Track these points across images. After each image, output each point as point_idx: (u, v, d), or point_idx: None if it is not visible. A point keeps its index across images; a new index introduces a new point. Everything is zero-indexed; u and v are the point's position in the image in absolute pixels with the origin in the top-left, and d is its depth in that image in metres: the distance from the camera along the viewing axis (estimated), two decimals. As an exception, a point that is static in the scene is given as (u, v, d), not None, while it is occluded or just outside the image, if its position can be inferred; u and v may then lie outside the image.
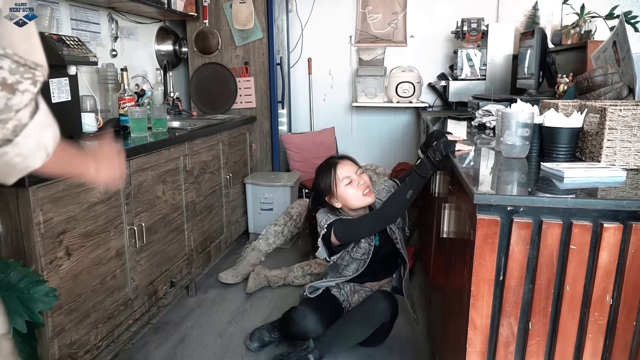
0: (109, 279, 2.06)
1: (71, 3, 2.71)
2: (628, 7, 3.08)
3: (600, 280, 1.16)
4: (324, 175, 2.23)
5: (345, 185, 2.19)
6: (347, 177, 2.19)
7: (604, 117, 1.47)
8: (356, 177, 2.20)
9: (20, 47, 0.87)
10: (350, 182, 2.18)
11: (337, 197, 2.21)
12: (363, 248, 2.24)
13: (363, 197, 2.19)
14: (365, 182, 2.20)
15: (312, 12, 4.45)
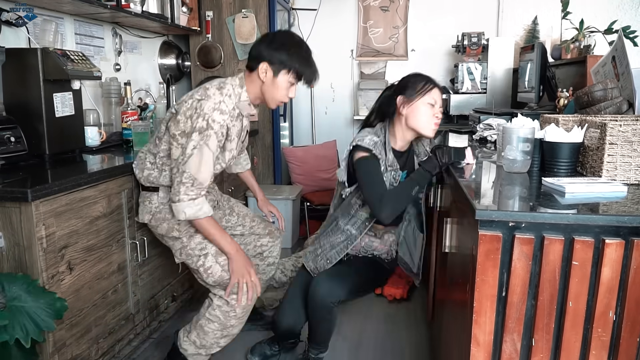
0: (111, 293, 2.05)
1: (76, 18, 2.74)
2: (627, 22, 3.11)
3: (603, 296, 1.15)
4: (417, 82, 2.06)
5: (427, 104, 2.04)
6: (434, 100, 2.05)
7: (604, 132, 1.48)
8: (438, 108, 2.06)
9: None
10: (432, 106, 2.05)
11: (409, 107, 2.04)
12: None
13: (430, 126, 2.05)
14: (439, 119, 2.08)
15: (314, 27, 4.49)
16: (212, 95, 1.87)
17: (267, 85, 1.92)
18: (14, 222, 1.64)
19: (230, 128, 1.91)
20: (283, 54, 1.87)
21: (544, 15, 4.04)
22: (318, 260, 2.15)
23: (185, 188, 1.84)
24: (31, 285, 1.53)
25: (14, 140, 2.00)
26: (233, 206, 2.38)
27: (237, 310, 1.98)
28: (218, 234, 1.93)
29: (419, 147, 2.23)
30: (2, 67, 2.09)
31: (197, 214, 1.86)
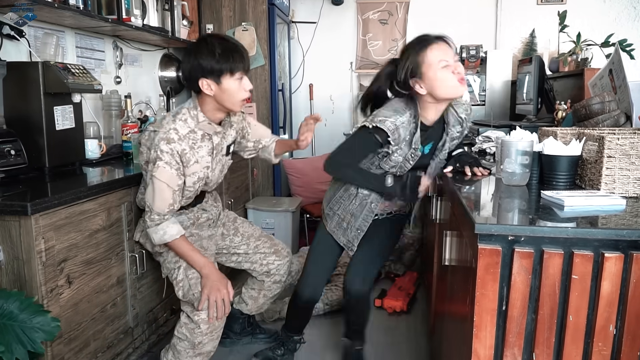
0: (110, 307, 2.05)
1: (77, 31, 2.75)
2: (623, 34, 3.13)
3: (603, 310, 1.15)
4: (413, 55, 1.85)
5: (441, 68, 1.81)
6: (444, 60, 1.81)
7: (602, 146, 1.49)
8: (453, 63, 1.82)
9: None
10: (447, 66, 1.82)
11: (425, 82, 1.85)
12: (394, 161, 1.98)
13: (457, 85, 1.83)
14: (461, 72, 1.84)
15: (314, 39, 4.52)
16: (165, 124, 1.91)
17: (220, 96, 1.90)
18: (13, 236, 1.64)
19: (187, 153, 1.90)
20: (209, 61, 1.85)
21: (541, 28, 4.07)
22: (349, 234, 2.15)
23: (148, 216, 1.93)
24: (25, 302, 1.51)
25: (14, 153, 2.00)
26: (238, 227, 2.37)
27: (202, 326, 1.96)
28: (189, 253, 1.96)
29: (448, 116, 2.02)
30: (3, 80, 2.10)
31: (163, 238, 1.91)
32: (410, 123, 1.92)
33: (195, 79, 1.88)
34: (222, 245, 2.30)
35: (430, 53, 1.82)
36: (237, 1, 3.83)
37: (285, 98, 4.24)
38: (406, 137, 1.93)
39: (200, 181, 2.02)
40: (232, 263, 2.37)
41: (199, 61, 1.86)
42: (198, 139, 1.94)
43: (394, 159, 1.96)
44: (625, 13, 4.05)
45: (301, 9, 4.51)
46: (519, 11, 4.18)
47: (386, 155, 1.97)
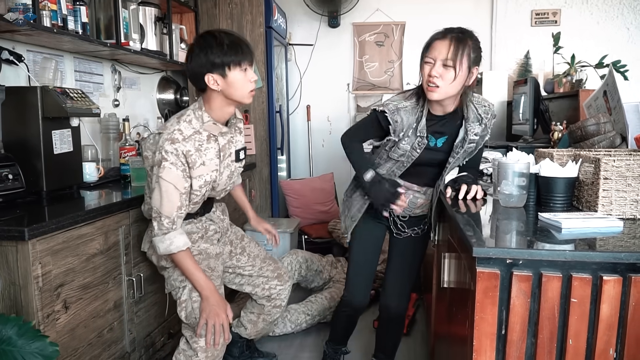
0: (106, 331, 2.03)
1: (75, 55, 2.78)
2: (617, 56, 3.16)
3: (603, 333, 1.15)
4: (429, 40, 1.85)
5: (424, 63, 1.83)
6: (430, 58, 1.81)
7: (598, 167, 1.50)
8: (436, 67, 1.78)
9: None
10: (427, 64, 1.82)
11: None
12: (402, 149, 1.96)
13: (426, 89, 1.83)
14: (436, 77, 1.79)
15: (311, 61, 4.56)
16: (169, 126, 1.87)
17: (227, 90, 1.87)
18: (10, 261, 1.63)
19: (192, 154, 1.86)
20: (217, 53, 1.82)
21: (536, 49, 4.12)
22: (347, 220, 2.23)
23: (157, 223, 1.85)
24: (23, 327, 1.50)
25: (11, 178, 2.00)
26: (245, 246, 2.33)
27: (200, 354, 1.93)
28: (191, 270, 1.90)
29: (468, 112, 1.94)
30: (2, 105, 2.11)
31: (169, 248, 1.85)
32: (416, 109, 1.93)
33: (201, 75, 1.84)
34: (229, 264, 2.27)
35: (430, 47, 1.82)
36: (235, 24, 3.87)
37: (282, 119, 4.26)
38: (412, 123, 1.92)
39: (207, 185, 1.96)
40: (234, 285, 2.34)
41: (208, 56, 1.81)
42: (204, 141, 1.89)
43: (402, 146, 1.95)
44: (619, 34, 4.11)
45: (298, 32, 4.56)
46: (514, 33, 4.24)
47: (394, 144, 1.97)
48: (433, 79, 1.78)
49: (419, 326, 3.04)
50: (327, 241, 3.99)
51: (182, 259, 1.88)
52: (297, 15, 4.51)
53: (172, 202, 1.84)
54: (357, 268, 2.23)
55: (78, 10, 2.39)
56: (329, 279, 3.33)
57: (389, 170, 2.05)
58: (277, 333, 2.92)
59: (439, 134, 1.97)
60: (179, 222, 1.88)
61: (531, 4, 4.23)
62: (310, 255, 3.27)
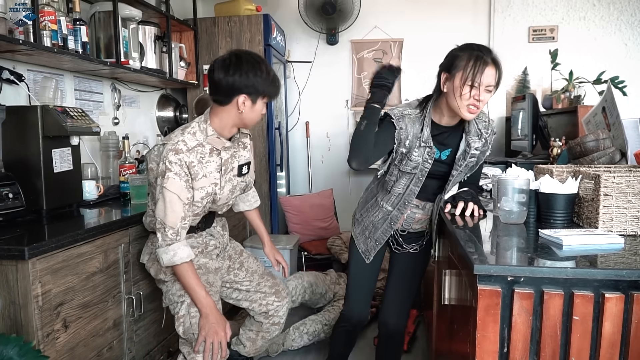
0: (106, 350, 2.02)
1: (75, 74, 2.79)
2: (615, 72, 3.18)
3: (606, 351, 1.14)
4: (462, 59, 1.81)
5: (465, 85, 1.79)
6: (478, 84, 1.78)
7: (598, 184, 1.50)
8: (481, 91, 1.79)
9: None
10: (474, 87, 1.79)
11: (449, 85, 1.85)
12: (414, 161, 1.95)
13: (465, 108, 1.82)
14: (482, 101, 1.80)
15: (309, 78, 4.58)
16: (174, 137, 1.90)
17: (247, 114, 1.93)
18: (10, 280, 1.63)
19: (195, 166, 1.88)
20: (255, 80, 1.88)
21: (533, 66, 4.14)
22: (368, 243, 2.17)
23: (161, 234, 1.86)
24: (24, 348, 1.50)
25: (11, 197, 2.00)
26: (243, 261, 2.34)
27: None
28: (193, 285, 1.90)
29: (469, 126, 1.98)
30: (2, 124, 2.11)
31: (172, 259, 1.86)
32: (419, 119, 1.95)
33: (236, 92, 1.88)
34: (227, 278, 2.27)
35: (476, 70, 1.77)
36: (234, 42, 3.89)
37: (282, 136, 4.27)
38: (417, 133, 1.93)
39: (209, 197, 1.97)
40: (232, 300, 2.33)
41: (254, 79, 1.87)
42: (206, 153, 1.93)
43: (415, 158, 1.94)
44: (617, 50, 4.13)
45: (297, 49, 4.59)
46: (511, 49, 4.26)
47: (403, 156, 1.96)
48: (479, 102, 1.80)
49: (420, 343, 3.02)
50: (326, 257, 3.98)
51: (184, 272, 1.89)
52: (295, 33, 4.55)
53: (176, 213, 1.86)
54: (356, 283, 2.22)
55: (78, 29, 2.41)
56: (333, 296, 3.32)
57: (406, 188, 2.02)
58: (295, 347, 2.92)
59: (443, 146, 1.98)
60: (183, 233, 1.89)
61: (528, 21, 4.27)
62: (315, 279, 3.24)
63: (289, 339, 2.91)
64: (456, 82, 1.81)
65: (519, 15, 4.27)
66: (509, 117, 3.68)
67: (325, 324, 2.98)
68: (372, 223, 2.15)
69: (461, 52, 1.83)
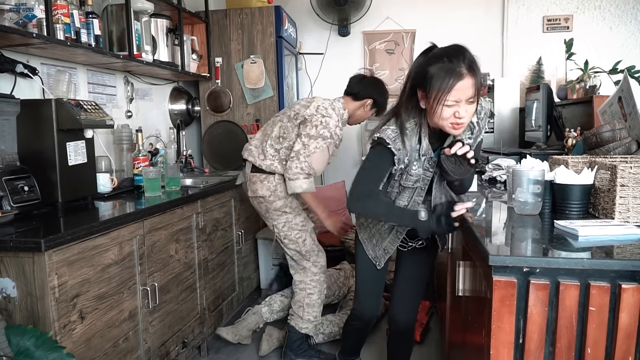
0: (122, 341, 2.04)
1: (89, 68, 2.81)
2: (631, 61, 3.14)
3: (622, 342, 1.14)
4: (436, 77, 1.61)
5: (441, 106, 1.62)
6: (455, 102, 1.61)
7: (614, 175, 1.48)
8: (462, 106, 1.61)
9: None
10: (453, 106, 1.62)
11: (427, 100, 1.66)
12: (415, 175, 1.83)
13: (447, 127, 1.67)
14: (465, 116, 1.63)
15: (321, 70, 4.57)
16: (332, 115, 2.59)
17: (360, 112, 2.74)
18: (27, 272, 1.64)
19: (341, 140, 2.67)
20: (382, 97, 2.74)
21: (548, 55, 4.10)
22: (377, 250, 2.10)
23: (304, 171, 2.53)
24: (40, 338, 1.51)
25: (27, 190, 2.02)
26: None
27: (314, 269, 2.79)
28: (319, 203, 2.68)
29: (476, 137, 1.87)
30: (17, 118, 2.13)
31: (311, 187, 2.57)
32: (415, 130, 1.77)
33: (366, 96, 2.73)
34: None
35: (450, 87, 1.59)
36: (246, 35, 3.89)
37: (294, 128, 4.27)
38: (414, 146, 1.79)
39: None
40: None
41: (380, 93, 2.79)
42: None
43: (414, 172, 1.82)
44: (633, 39, 4.07)
45: (308, 41, 4.57)
46: (525, 39, 4.22)
47: (402, 172, 1.83)
48: (461, 119, 1.63)
49: (433, 334, 3.02)
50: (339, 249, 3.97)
51: (313, 196, 2.64)
52: (307, 25, 4.53)
53: (324, 158, 2.58)
54: (367, 284, 2.20)
55: (91, 23, 2.42)
56: (347, 291, 3.31)
57: (409, 200, 1.91)
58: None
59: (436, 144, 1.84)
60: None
61: (542, 10, 4.21)
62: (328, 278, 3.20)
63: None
64: (432, 102, 1.63)
65: (533, 4, 4.22)
66: (522, 108, 3.65)
67: (342, 327, 2.96)
68: (379, 232, 2.06)
69: (430, 66, 1.63)
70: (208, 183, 3.08)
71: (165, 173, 2.74)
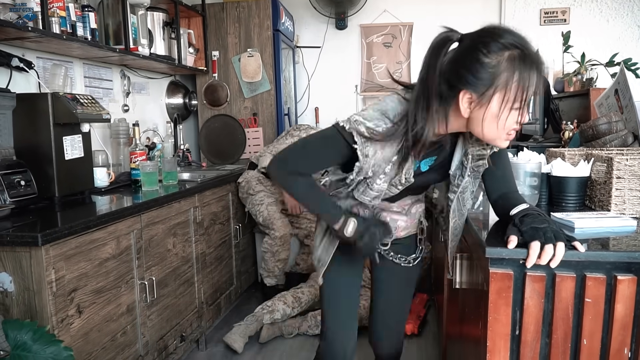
0: (120, 335, 2.04)
1: (85, 61, 2.80)
2: (628, 54, 3.14)
3: (618, 333, 1.14)
4: (508, 69, 1.18)
5: (509, 108, 1.19)
6: (521, 103, 1.19)
7: (610, 167, 1.48)
8: (524, 109, 1.21)
9: None
10: (518, 109, 1.20)
11: (478, 105, 1.21)
12: (377, 190, 1.45)
13: (500, 138, 1.25)
14: (517, 127, 1.24)
15: (318, 64, 4.56)
16: None
17: None
18: (24, 267, 1.64)
19: None
20: None
21: (545, 48, 4.04)
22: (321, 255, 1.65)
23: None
24: (38, 332, 1.52)
25: (24, 184, 2.02)
26: None
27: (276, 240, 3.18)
28: None
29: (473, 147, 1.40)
30: (13, 112, 2.12)
31: None
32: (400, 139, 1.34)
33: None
34: None
35: (528, 80, 1.18)
36: (243, 28, 3.88)
37: (291, 122, 4.26)
38: (392, 157, 1.37)
39: None
40: None
41: None
42: None
43: (377, 187, 1.44)
44: (629, 32, 4.07)
45: (305, 34, 4.56)
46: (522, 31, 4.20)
47: (362, 182, 1.46)
48: (517, 129, 1.25)
49: (431, 327, 3.03)
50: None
51: None
52: (304, 18, 4.52)
53: None
54: (335, 315, 1.71)
55: (87, 16, 2.41)
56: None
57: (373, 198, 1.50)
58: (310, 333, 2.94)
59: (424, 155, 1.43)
60: None
61: (540, 3, 4.21)
62: None
63: (305, 324, 2.94)
64: (494, 106, 1.19)
65: (530, -3, 4.22)
66: (519, 101, 3.64)
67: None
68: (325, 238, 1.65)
69: (493, 56, 1.19)
70: (205, 177, 3.08)
71: (163, 167, 2.74)
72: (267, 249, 3.24)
